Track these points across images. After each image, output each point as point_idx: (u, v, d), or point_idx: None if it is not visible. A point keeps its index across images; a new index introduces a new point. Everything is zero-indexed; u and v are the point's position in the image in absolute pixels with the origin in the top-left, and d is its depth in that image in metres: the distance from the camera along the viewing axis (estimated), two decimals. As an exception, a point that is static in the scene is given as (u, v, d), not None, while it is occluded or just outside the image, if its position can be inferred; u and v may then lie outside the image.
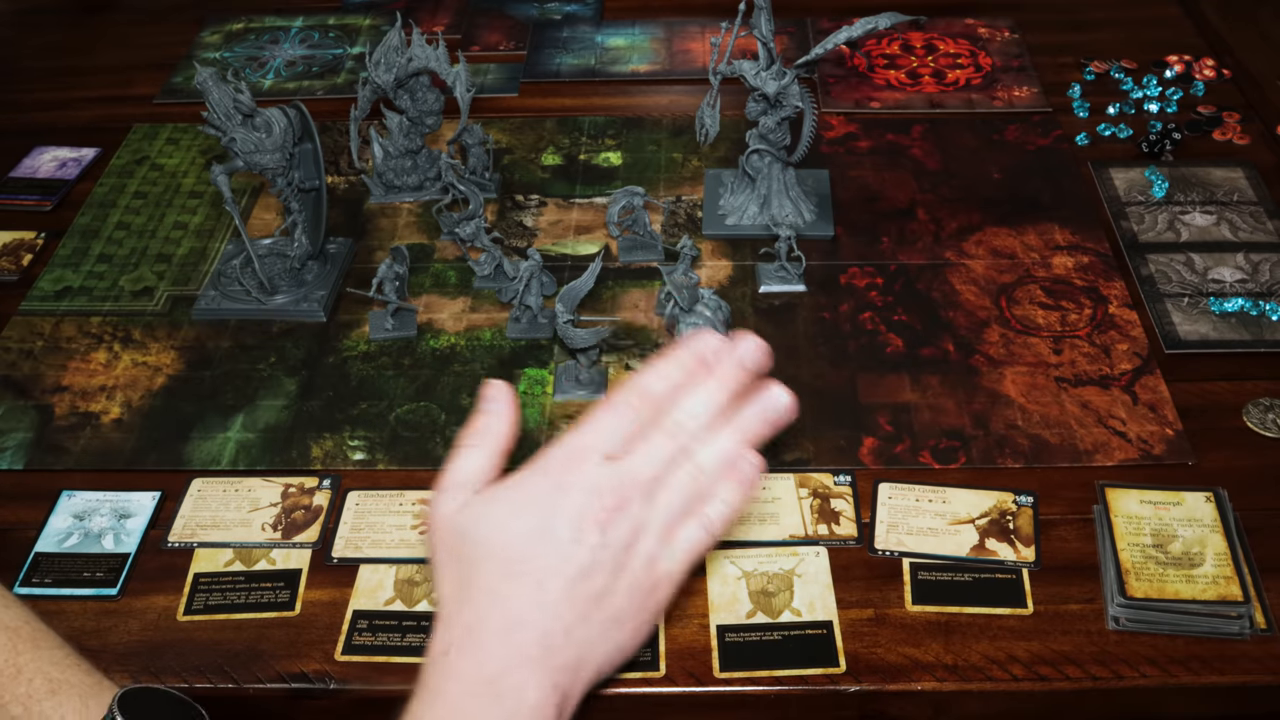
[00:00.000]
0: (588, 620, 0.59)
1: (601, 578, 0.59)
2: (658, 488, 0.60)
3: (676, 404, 0.62)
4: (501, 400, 0.64)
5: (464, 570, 0.60)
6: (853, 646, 0.77)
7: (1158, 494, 0.84)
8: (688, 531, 0.62)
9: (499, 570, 0.59)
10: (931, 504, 0.85)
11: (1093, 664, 0.75)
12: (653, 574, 0.61)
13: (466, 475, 0.62)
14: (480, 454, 0.63)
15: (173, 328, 1.02)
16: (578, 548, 0.58)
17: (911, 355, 0.97)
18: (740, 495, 0.62)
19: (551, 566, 0.58)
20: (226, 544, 0.84)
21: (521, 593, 0.58)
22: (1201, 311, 0.99)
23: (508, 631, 0.58)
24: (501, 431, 0.64)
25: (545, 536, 0.58)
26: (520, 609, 0.58)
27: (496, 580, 0.59)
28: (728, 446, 0.62)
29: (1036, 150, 1.19)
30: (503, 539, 0.59)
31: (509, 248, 1.09)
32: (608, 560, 0.59)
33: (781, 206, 1.09)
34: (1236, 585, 0.78)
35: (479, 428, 0.64)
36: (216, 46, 1.41)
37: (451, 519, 0.61)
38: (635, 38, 1.39)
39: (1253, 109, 1.24)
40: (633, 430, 0.61)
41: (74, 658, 0.70)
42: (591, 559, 0.59)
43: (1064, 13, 1.42)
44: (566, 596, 0.58)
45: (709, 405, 0.62)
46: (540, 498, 0.59)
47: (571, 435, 0.61)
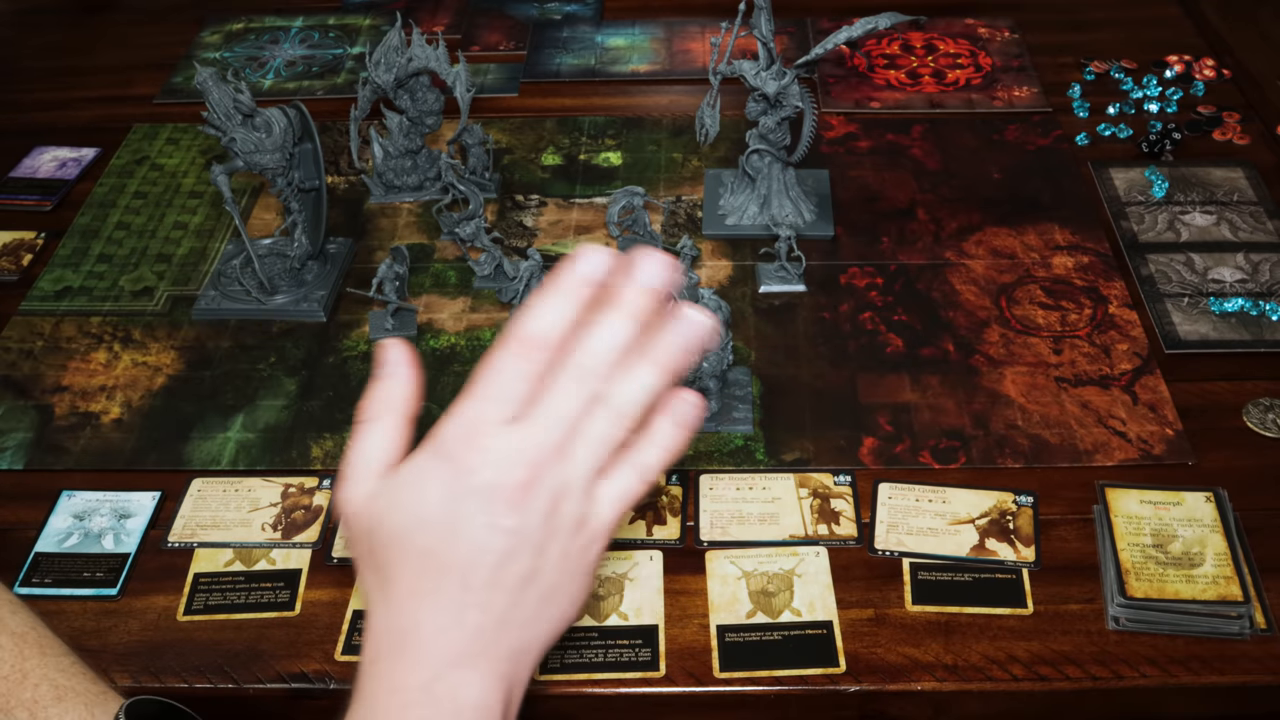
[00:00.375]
0: (520, 604, 0.54)
1: (526, 558, 0.54)
2: (572, 444, 0.54)
3: (580, 342, 0.54)
4: (400, 362, 0.58)
5: (382, 570, 0.55)
6: (853, 646, 0.77)
7: (1158, 494, 0.84)
8: (619, 482, 0.56)
9: (416, 569, 0.54)
10: (931, 504, 0.85)
11: (1093, 664, 0.75)
12: (583, 535, 0.56)
13: (372, 455, 0.56)
14: (383, 427, 0.57)
15: (173, 328, 1.02)
16: (494, 534, 0.53)
17: (911, 355, 0.97)
18: (680, 435, 0.57)
19: (471, 559, 0.53)
20: (226, 544, 0.84)
21: (445, 591, 0.54)
22: (1201, 311, 0.99)
23: (438, 633, 0.54)
24: (404, 397, 0.57)
25: (457, 527, 0.53)
26: (447, 608, 0.54)
27: (416, 580, 0.54)
28: (647, 383, 0.55)
29: (1036, 150, 1.19)
30: (414, 535, 0.54)
31: (509, 248, 1.09)
32: (530, 538, 0.54)
33: (781, 206, 1.09)
34: (1236, 585, 0.78)
35: (378, 396, 0.57)
36: (216, 46, 1.41)
37: (362, 511, 0.56)
38: (635, 38, 1.39)
39: (1253, 109, 1.24)
40: (529, 383, 0.54)
41: (80, 666, 0.69)
42: (512, 542, 0.54)
43: (1064, 13, 1.42)
44: (493, 586, 0.54)
45: (614, 340, 0.55)
46: (444, 485, 0.53)
47: (462, 404, 0.54)
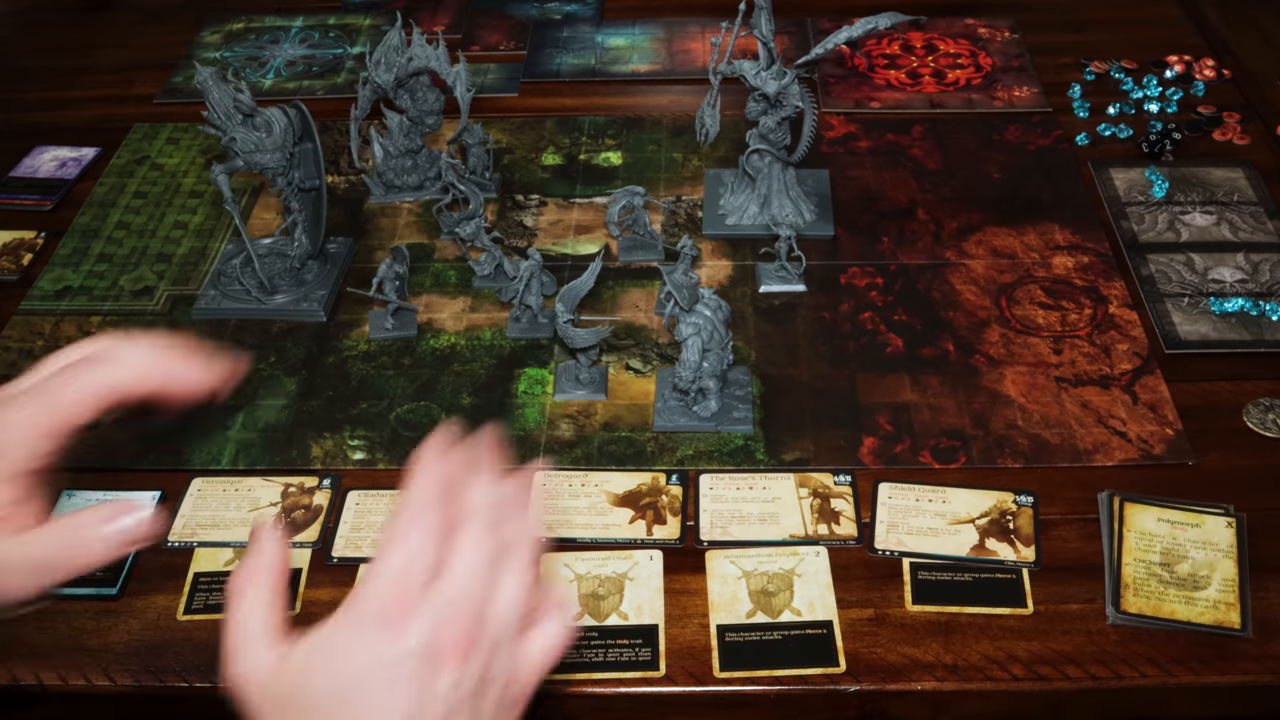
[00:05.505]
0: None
1: (464, 716, 0.53)
2: (492, 598, 0.54)
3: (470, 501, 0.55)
4: (270, 536, 0.57)
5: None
6: (853, 646, 0.77)
7: (1177, 514, 0.82)
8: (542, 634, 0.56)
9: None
10: (931, 504, 0.85)
11: (1093, 664, 0.75)
12: (513, 690, 0.55)
13: (257, 625, 0.55)
14: (260, 596, 0.56)
15: (173, 327, 1.02)
16: (433, 696, 0.52)
17: (911, 355, 0.97)
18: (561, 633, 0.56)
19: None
20: (226, 544, 0.84)
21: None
22: (1201, 311, 0.99)
23: None
24: (278, 564, 0.57)
25: (395, 691, 0.52)
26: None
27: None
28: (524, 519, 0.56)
29: (1036, 150, 1.19)
30: (342, 702, 0.52)
31: (509, 247, 1.09)
32: (466, 698, 0.53)
33: (781, 206, 1.09)
34: (1236, 613, 0.77)
35: (251, 568, 0.56)
36: (216, 46, 1.41)
37: (271, 682, 0.54)
38: (635, 38, 1.39)
39: (1253, 109, 1.24)
40: (436, 540, 0.54)
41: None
42: (450, 701, 0.52)
43: (1064, 13, 1.42)
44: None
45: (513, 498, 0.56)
46: (376, 648, 0.52)
47: (382, 562, 0.54)
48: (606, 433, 0.92)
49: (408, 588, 0.53)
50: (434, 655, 0.52)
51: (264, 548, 0.57)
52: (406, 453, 0.90)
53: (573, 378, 0.95)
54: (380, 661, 0.52)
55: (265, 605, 0.56)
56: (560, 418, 0.93)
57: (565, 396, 0.94)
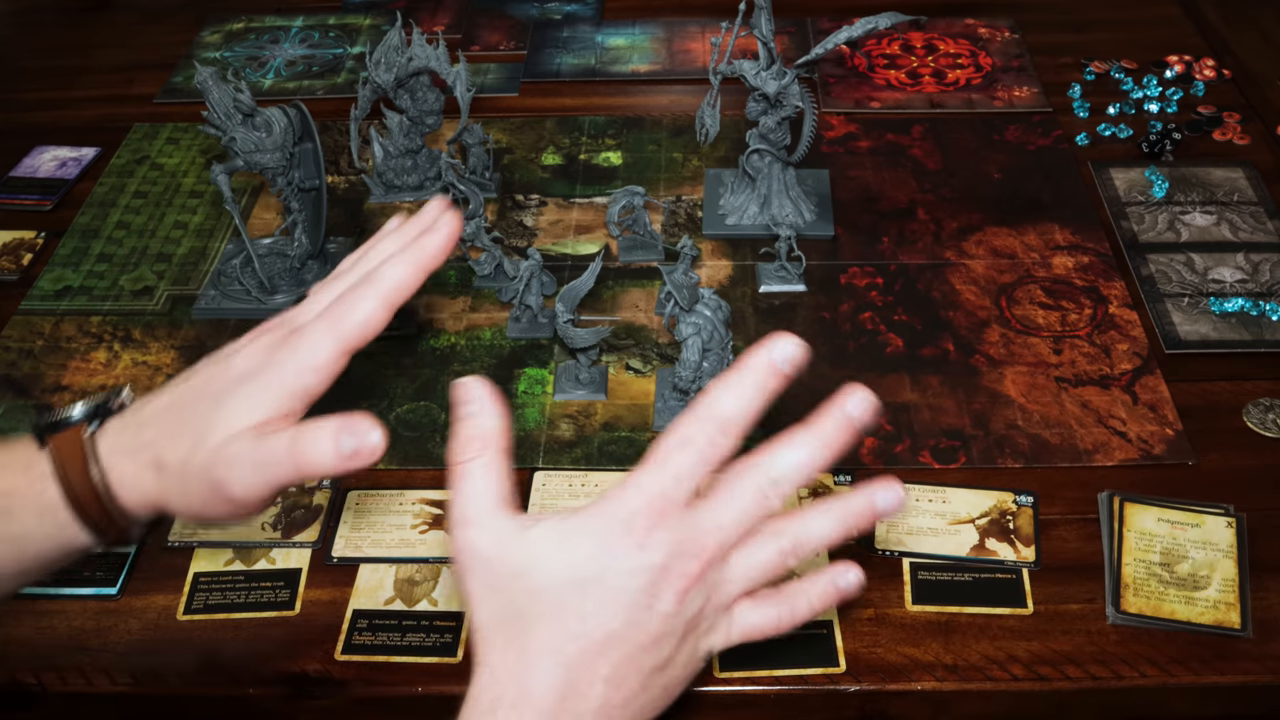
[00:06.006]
0: (647, 688, 0.54)
1: (669, 647, 0.54)
2: (737, 551, 0.55)
3: (771, 453, 0.55)
4: (483, 397, 0.56)
5: (516, 619, 0.54)
6: (853, 646, 0.77)
7: (1177, 514, 0.82)
8: (759, 613, 0.57)
9: (562, 629, 0.53)
10: (931, 504, 0.85)
11: (1093, 664, 0.75)
12: (707, 642, 0.57)
13: (486, 499, 0.55)
14: (485, 465, 0.56)
15: (173, 327, 1.02)
16: (652, 615, 0.53)
17: (911, 355, 0.97)
18: (833, 603, 0.58)
19: (622, 633, 0.53)
20: (226, 543, 0.84)
21: (586, 658, 0.53)
22: (1201, 311, 0.99)
23: (566, 699, 0.53)
24: (496, 430, 0.56)
25: (620, 599, 0.53)
26: (583, 675, 0.53)
27: (559, 640, 0.53)
28: (829, 536, 0.56)
29: (1036, 150, 1.19)
30: (571, 592, 0.53)
31: (509, 247, 1.09)
32: (679, 629, 0.54)
33: (781, 206, 1.09)
34: (1236, 613, 0.77)
35: (470, 435, 0.56)
36: (216, 46, 1.41)
37: (497, 554, 0.54)
38: (635, 38, 1.39)
39: (1253, 109, 1.24)
40: (709, 468, 0.54)
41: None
42: (665, 628, 0.53)
43: (1064, 13, 1.42)
44: (632, 665, 0.53)
45: (808, 467, 0.55)
46: (620, 554, 0.53)
47: (647, 475, 0.54)
48: (606, 433, 0.92)
49: (665, 504, 0.54)
50: (666, 575, 0.53)
51: (481, 411, 0.56)
52: (406, 453, 0.91)
53: (573, 378, 0.95)
54: (615, 565, 0.53)
55: (494, 476, 0.56)
56: (560, 418, 0.93)
57: (565, 396, 0.94)
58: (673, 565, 0.53)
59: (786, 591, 0.58)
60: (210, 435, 0.57)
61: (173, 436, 0.59)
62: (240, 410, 0.58)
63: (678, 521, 0.54)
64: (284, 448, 0.56)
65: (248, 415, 0.57)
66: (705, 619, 0.55)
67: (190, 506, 0.59)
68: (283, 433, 0.56)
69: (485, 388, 0.57)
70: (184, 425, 0.59)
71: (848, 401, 0.56)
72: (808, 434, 0.56)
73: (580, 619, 0.53)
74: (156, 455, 0.59)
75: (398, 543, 0.84)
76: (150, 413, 0.61)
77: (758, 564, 0.56)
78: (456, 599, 0.80)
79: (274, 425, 0.57)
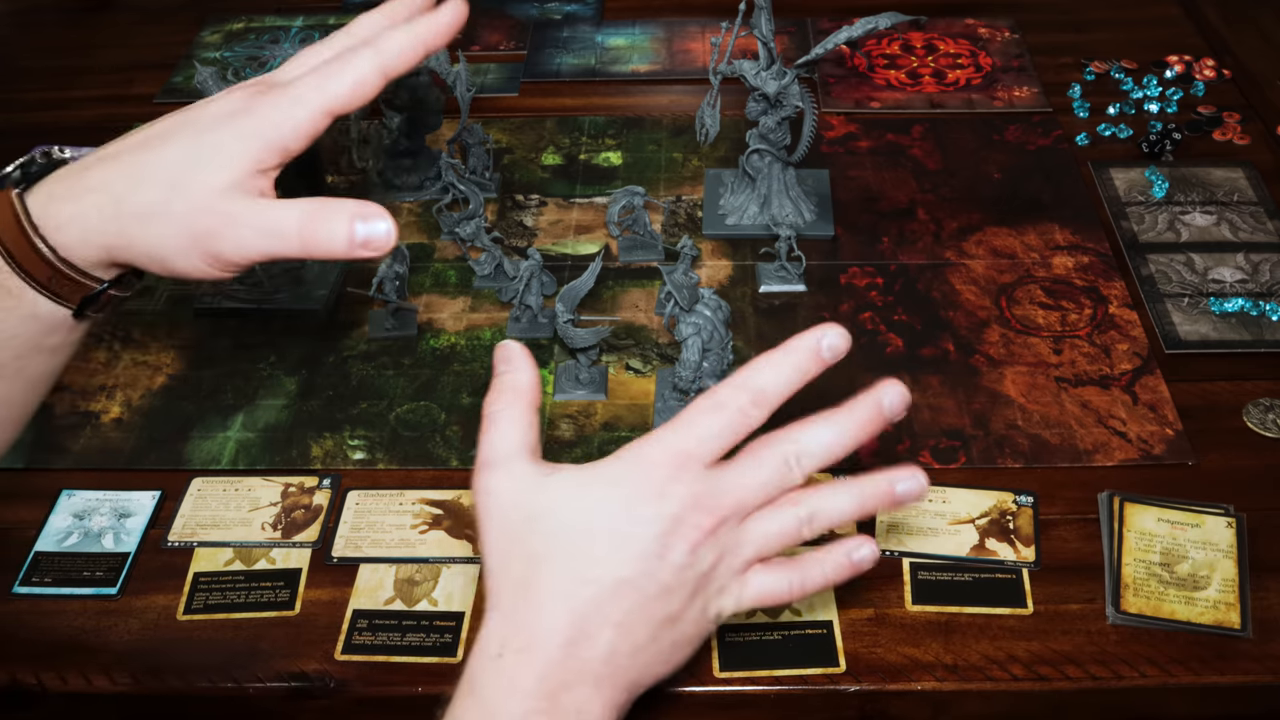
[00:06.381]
0: (655, 641, 0.54)
1: (679, 600, 0.54)
2: (755, 515, 0.56)
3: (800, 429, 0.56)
4: (520, 355, 0.59)
5: (529, 562, 0.54)
6: (853, 646, 0.77)
7: (1177, 514, 0.82)
8: (772, 579, 0.57)
9: (573, 574, 0.53)
10: (931, 504, 0.85)
11: (1093, 664, 0.75)
12: (718, 604, 0.57)
13: (510, 445, 0.56)
14: (514, 416, 0.57)
15: (173, 327, 1.02)
16: (663, 565, 0.53)
17: (911, 355, 0.97)
18: (845, 577, 0.58)
19: (633, 580, 0.53)
20: (226, 543, 0.84)
21: (595, 602, 0.53)
22: (1201, 311, 0.99)
23: (574, 643, 0.53)
24: (529, 385, 0.58)
25: (632, 546, 0.53)
26: (592, 621, 0.53)
27: (569, 584, 0.53)
28: (847, 511, 0.57)
29: (1036, 150, 1.19)
30: (583, 537, 0.54)
31: (509, 247, 1.09)
32: (689, 582, 0.54)
33: (781, 206, 1.09)
34: (1236, 613, 0.77)
35: (503, 387, 0.58)
36: (216, 46, 1.41)
37: (514, 498, 0.55)
38: (635, 38, 1.39)
39: (1253, 109, 1.24)
40: (737, 436, 0.55)
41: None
42: (675, 579, 0.54)
43: (1064, 13, 1.42)
44: (641, 614, 0.54)
45: (834, 447, 0.56)
46: (636, 502, 0.54)
47: (672, 432, 0.55)
48: (606, 433, 0.92)
49: (686, 460, 0.54)
50: (680, 526, 0.54)
51: (517, 368, 0.58)
52: (406, 453, 0.91)
53: (573, 378, 0.95)
54: (630, 512, 0.54)
55: (521, 424, 0.57)
56: (560, 418, 0.93)
57: (565, 396, 0.94)
58: (687, 517, 0.54)
59: (800, 560, 0.58)
60: (189, 181, 0.55)
61: (135, 178, 0.56)
62: (217, 158, 0.56)
63: (696, 477, 0.54)
64: (295, 222, 0.55)
65: (225, 165, 0.55)
66: (717, 578, 0.56)
67: (158, 255, 0.57)
68: (294, 205, 0.55)
69: (523, 350, 0.59)
70: (151, 166, 0.56)
71: (883, 392, 0.57)
72: (840, 415, 0.57)
73: (592, 563, 0.53)
74: (110, 196, 0.56)
75: (398, 543, 0.84)
76: (98, 158, 0.59)
77: (774, 531, 0.56)
78: (457, 598, 0.80)
79: (251, 182, 0.56)
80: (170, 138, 0.58)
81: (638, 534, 0.53)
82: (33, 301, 0.59)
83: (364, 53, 0.58)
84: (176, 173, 0.56)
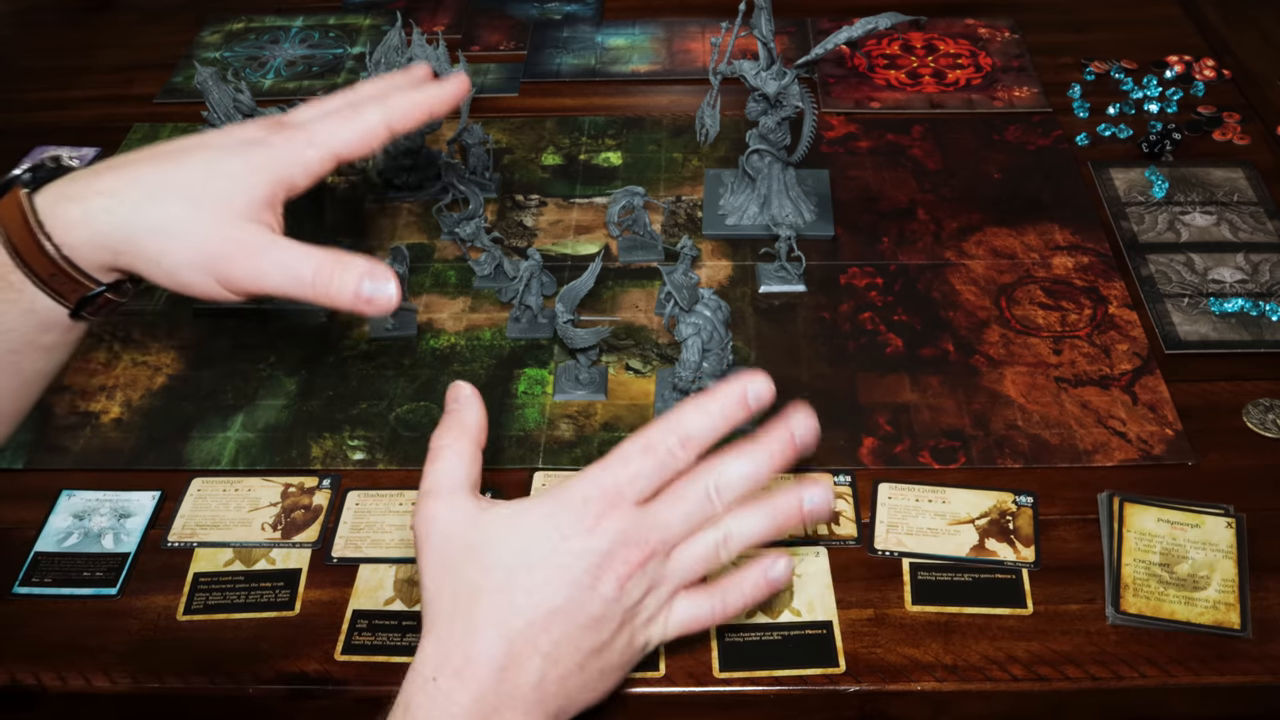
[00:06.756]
0: (583, 670, 0.57)
1: (608, 631, 0.57)
2: (681, 548, 0.59)
3: (720, 462, 0.59)
4: (467, 397, 0.63)
5: (465, 591, 0.57)
6: (852, 646, 0.77)
7: (1177, 514, 0.82)
8: (694, 605, 0.60)
9: (507, 603, 0.56)
10: (931, 504, 0.85)
11: (1092, 664, 0.75)
12: (645, 633, 0.60)
13: (454, 478, 0.60)
14: (460, 450, 0.61)
15: (172, 327, 1.02)
16: (594, 597, 0.57)
17: (911, 355, 0.97)
18: (764, 595, 0.61)
19: (564, 611, 0.56)
20: (226, 544, 0.84)
21: (528, 631, 0.56)
22: (1201, 312, 0.99)
23: (506, 669, 0.56)
24: (475, 424, 0.62)
25: (565, 578, 0.56)
26: (524, 648, 0.56)
27: (503, 612, 0.56)
28: (760, 531, 0.60)
29: (1036, 150, 1.19)
30: (518, 569, 0.57)
31: (509, 248, 1.09)
32: (618, 614, 0.57)
33: (781, 206, 1.09)
34: (1236, 613, 0.77)
35: (450, 424, 0.62)
36: (216, 46, 1.41)
37: (454, 529, 0.58)
38: (635, 38, 1.39)
39: (1253, 109, 1.24)
40: (665, 477, 0.59)
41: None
42: (604, 611, 0.57)
43: (1064, 13, 1.42)
44: (571, 644, 0.56)
45: (750, 474, 0.59)
46: (566, 535, 0.57)
47: (603, 471, 0.59)
48: (606, 433, 0.92)
49: (617, 498, 0.58)
50: (610, 561, 0.57)
51: (465, 408, 0.62)
52: (406, 453, 0.91)
53: (573, 378, 0.95)
54: (563, 545, 0.57)
55: (465, 459, 0.60)
56: (560, 418, 0.93)
57: (565, 397, 0.94)
58: (617, 552, 0.57)
59: (721, 584, 0.62)
60: (207, 201, 0.58)
61: (150, 189, 0.59)
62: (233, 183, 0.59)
63: (626, 514, 0.57)
64: (312, 269, 0.59)
65: (241, 190, 0.59)
66: (645, 609, 0.59)
67: (168, 268, 0.59)
68: (314, 253, 0.59)
69: (473, 392, 0.63)
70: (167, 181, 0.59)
71: (794, 422, 0.60)
72: (755, 448, 0.60)
73: (526, 593, 0.56)
74: (121, 202, 0.58)
75: (398, 543, 0.84)
76: (110, 165, 0.61)
77: (696, 557, 0.59)
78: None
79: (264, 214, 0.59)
80: (186, 156, 0.60)
81: (570, 566, 0.56)
82: (32, 297, 0.60)
83: (373, 107, 0.63)
84: (194, 191, 0.59)
